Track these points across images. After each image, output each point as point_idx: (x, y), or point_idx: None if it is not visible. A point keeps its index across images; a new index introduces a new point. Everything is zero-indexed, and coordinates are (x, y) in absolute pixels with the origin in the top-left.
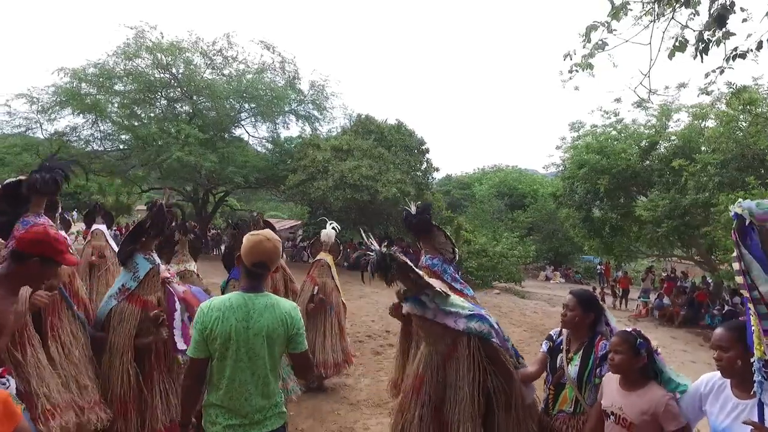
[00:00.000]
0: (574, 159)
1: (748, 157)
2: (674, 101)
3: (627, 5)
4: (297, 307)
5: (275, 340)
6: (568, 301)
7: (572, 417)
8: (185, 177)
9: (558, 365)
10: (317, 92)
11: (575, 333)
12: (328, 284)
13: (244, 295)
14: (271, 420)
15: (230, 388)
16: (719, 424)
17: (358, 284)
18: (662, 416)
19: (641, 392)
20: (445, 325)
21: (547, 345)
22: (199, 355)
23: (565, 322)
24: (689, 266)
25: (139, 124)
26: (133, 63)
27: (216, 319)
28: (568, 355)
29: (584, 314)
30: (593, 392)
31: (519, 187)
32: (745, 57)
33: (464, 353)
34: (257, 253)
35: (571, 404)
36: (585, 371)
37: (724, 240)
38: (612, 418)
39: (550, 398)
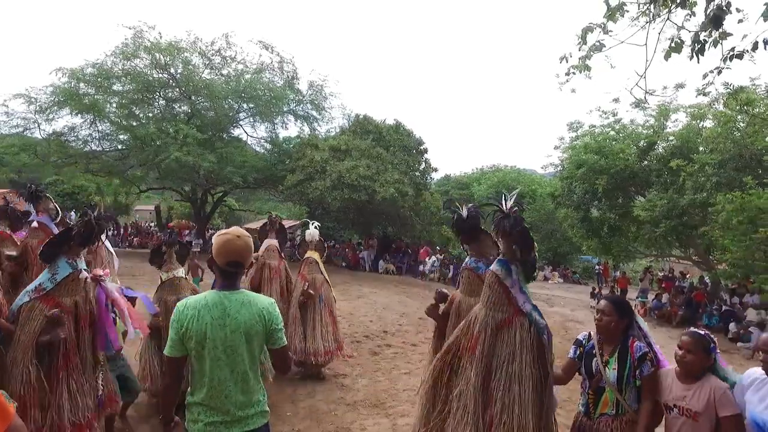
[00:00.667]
0: (572, 159)
1: (745, 157)
2: (672, 101)
3: (623, 6)
4: (274, 302)
5: (253, 336)
6: (603, 306)
7: (615, 418)
8: (183, 177)
9: (594, 370)
10: (316, 92)
11: (608, 337)
12: (318, 279)
13: (219, 293)
14: (254, 418)
15: (210, 387)
16: (758, 414)
17: (356, 284)
18: (718, 403)
19: (700, 383)
20: (515, 299)
21: (576, 350)
22: (176, 354)
23: (601, 327)
24: (687, 266)
25: (138, 125)
26: (131, 63)
27: (191, 318)
28: (603, 359)
29: (620, 319)
30: (633, 393)
31: (517, 188)
32: (741, 57)
33: (522, 332)
34: (229, 252)
35: (613, 406)
36: (624, 374)
37: (722, 240)
38: (675, 410)
39: (590, 402)
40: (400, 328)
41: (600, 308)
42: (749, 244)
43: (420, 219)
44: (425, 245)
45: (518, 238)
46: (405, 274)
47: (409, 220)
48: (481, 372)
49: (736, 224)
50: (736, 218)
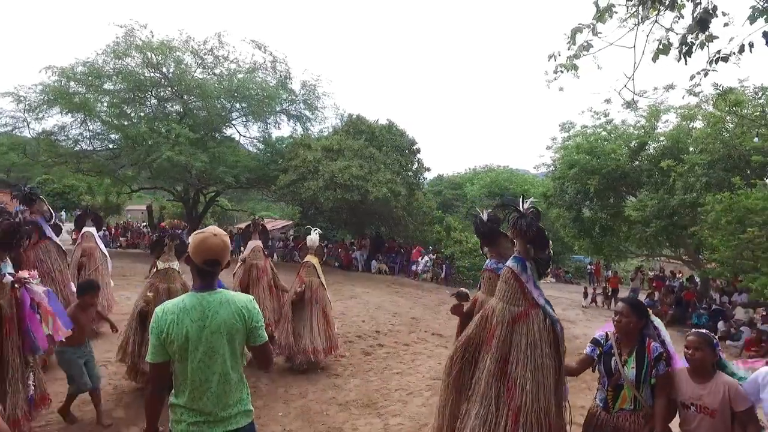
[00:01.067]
0: (564, 159)
1: (734, 157)
2: (662, 102)
3: (612, 8)
4: (253, 299)
5: (234, 335)
6: (621, 308)
7: (633, 413)
8: (175, 177)
9: (613, 368)
10: (308, 92)
11: (626, 337)
12: (314, 282)
13: (197, 294)
14: (237, 418)
15: (192, 388)
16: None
17: (349, 284)
18: (733, 400)
19: (713, 381)
20: (530, 293)
21: (593, 349)
22: (158, 360)
23: (620, 328)
24: (678, 266)
25: (129, 124)
26: (122, 62)
27: (171, 323)
28: (621, 358)
29: (638, 320)
30: (649, 390)
31: (510, 188)
32: (727, 60)
33: (538, 323)
34: (205, 251)
35: (631, 402)
36: (642, 372)
37: (711, 239)
38: (693, 408)
39: (609, 398)
40: (392, 328)
41: (618, 310)
42: (737, 244)
43: (413, 219)
44: (418, 245)
45: (533, 237)
46: (398, 274)
47: (402, 220)
48: (497, 360)
49: (725, 224)
50: (724, 218)
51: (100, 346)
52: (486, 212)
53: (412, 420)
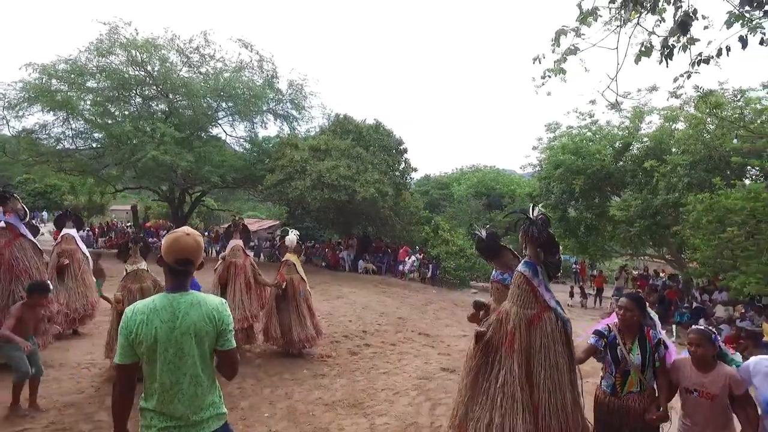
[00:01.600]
0: (550, 159)
1: (714, 158)
2: (646, 104)
3: (596, 11)
4: (225, 302)
5: (203, 337)
6: (626, 303)
7: (640, 394)
8: (161, 176)
9: (620, 357)
10: (295, 91)
11: (628, 328)
12: (295, 278)
13: (168, 295)
14: (209, 421)
15: (162, 391)
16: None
17: (336, 284)
18: (733, 386)
19: (715, 371)
20: (541, 296)
21: (598, 340)
22: (126, 361)
23: (625, 321)
24: (661, 265)
25: (113, 123)
26: (106, 60)
27: (140, 323)
28: (626, 347)
29: (640, 313)
30: (651, 373)
31: (497, 188)
32: (708, 62)
33: (551, 325)
34: (178, 250)
35: (638, 385)
36: (646, 357)
37: (692, 239)
38: (695, 393)
39: (617, 383)
40: (379, 327)
41: (623, 305)
42: (718, 244)
43: (400, 219)
44: (405, 245)
45: (544, 242)
46: (384, 273)
47: (389, 220)
48: (523, 364)
49: (706, 224)
50: (705, 218)
51: (82, 347)
52: (484, 230)
53: (398, 419)
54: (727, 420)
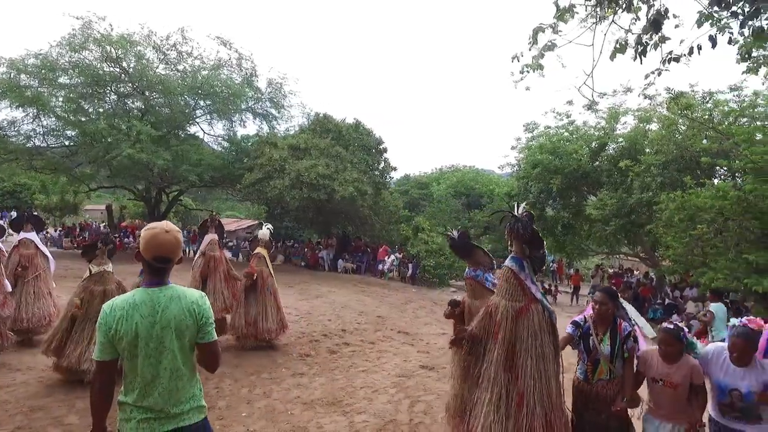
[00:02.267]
0: (528, 159)
1: (686, 158)
2: (621, 104)
3: (573, 8)
4: (204, 296)
5: (184, 331)
6: (600, 298)
7: (609, 382)
8: (136, 175)
9: (591, 346)
10: (275, 90)
11: (602, 320)
12: (264, 271)
13: (147, 290)
14: (189, 414)
15: (143, 386)
16: (721, 379)
17: (315, 284)
18: (694, 376)
19: (680, 363)
20: (528, 289)
21: (575, 330)
22: (105, 357)
23: (600, 314)
24: (635, 263)
25: (87, 120)
26: (79, 55)
27: (120, 319)
28: (598, 337)
29: (613, 306)
30: (620, 362)
31: (476, 187)
32: (678, 60)
33: (539, 316)
34: (155, 247)
35: (608, 373)
36: (615, 348)
37: (665, 237)
38: (660, 383)
39: (588, 371)
40: (358, 326)
41: (597, 299)
42: (688, 241)
43: (379, 218)
44: (384, 244)
45: (529, 238)
46: (364, 273)
47: (369, 220)
48: (504, 351)
49: (678, 222)
50: (677, 216)
51: None
52: (455, 231)
53: (378, 417)
54: (686, 404)
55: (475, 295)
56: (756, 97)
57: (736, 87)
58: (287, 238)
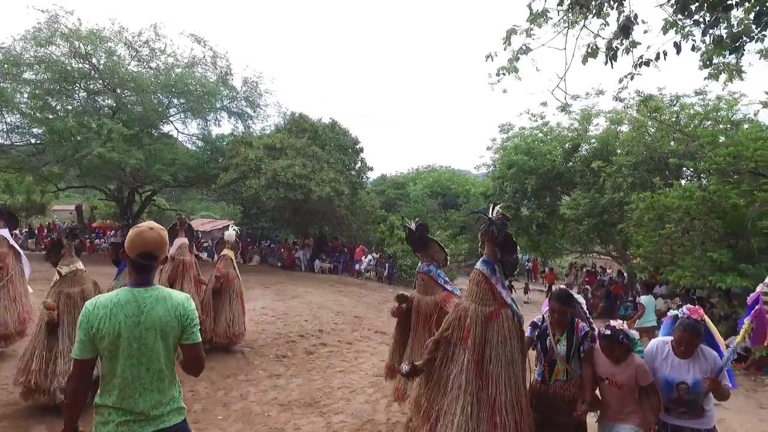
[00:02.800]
0: (503, 159)
1: (655, 159)
2: (593, 106)
3: (546, 12)
4: (190, 297)
5: (169, 332)
6: (554, 306)
7: (566, 383)
8: (108, 175)
9: (548, 347)
10: (250, 89)
11: (558, 324)
12: (231, 273)
13: (132, 290)
14: (169, 416)
15: (123, 387)
16: (667, 374)
17: (291, 284)
18: (640, 377)
19: (626, 363)
20: (499, 293)
21: (533, 331)
22: (85, 356)
23: (556, 321)
24: (608, 261)
25: (55, 117)
26: (45, 50)
27: (103, 317)
28: (555, 338)
29: (567, 309)
30: (577, 363)
31: (452, 187)
32: (648, 65)
33: (508, 321)
34: (141, 244)
35: (564, 374)
36: (571, 349)
37: (636, 236)
38: (606, 381)
39: (545, 372)
40: (335, 326)
41: (551, 308)
42: (658, 240)
43: (356, 218)
44: (361, 244)
45: (503, 241)
46: (341, 273)
47: (345, 220)
48: (474, 357)
49: (647, 221)
50: (647, 216)
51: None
52: (414, 222)
53: (355, 417)
54: (635, 404)
55: (427, 291)
56: (719, 102)
57: (701, 91)
58: (263, 238)
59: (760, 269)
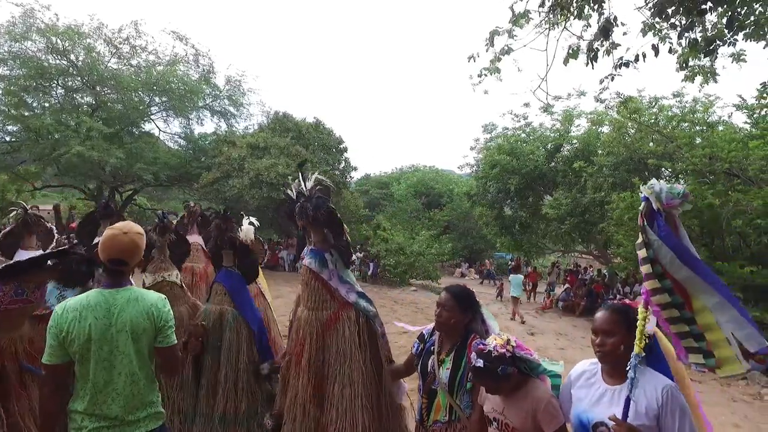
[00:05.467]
0: (486, 159)
1: (635, 160)
2: (575, 107)
3: (528, 14)
4: (165, 298)
5: (141, 335)
6: (443, 299)
7: (448, 426)
8: (87, 174)
9: (430, 369)
10: (233, 88)
11: (449, 333)
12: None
13: (103, 291)
14: (145, 421)
15: (95, 391)
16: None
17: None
18: (541, 416)
19: (523, 393)
20: (336, 292)
21: (418, 346)
22: (55, 361)
23: (440, 324)
24: (589, 260)
25: (31, 115)
26: (20, 45)
27: (72, 320)
28: (439, 357)
29: (461, 314)
30: (467, 397)
31: (436, 187)
32: (628, 66)
33: (350, 327)
34: (110, 248)
35: (446, 412)
36: (457, 374)
37: (616, 235)
38: (495, 424)
39: (423, 408)
40: None
41: (439, 302)
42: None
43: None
44: None
45: (326, 220)
46: None
47: None
48: (312, 379)
49: (627, 221)
50: (627, 215)
51: None
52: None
53: None
54: None
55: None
56: (695, 104)
57: (678, 93)
58: None
59: (734, 267)
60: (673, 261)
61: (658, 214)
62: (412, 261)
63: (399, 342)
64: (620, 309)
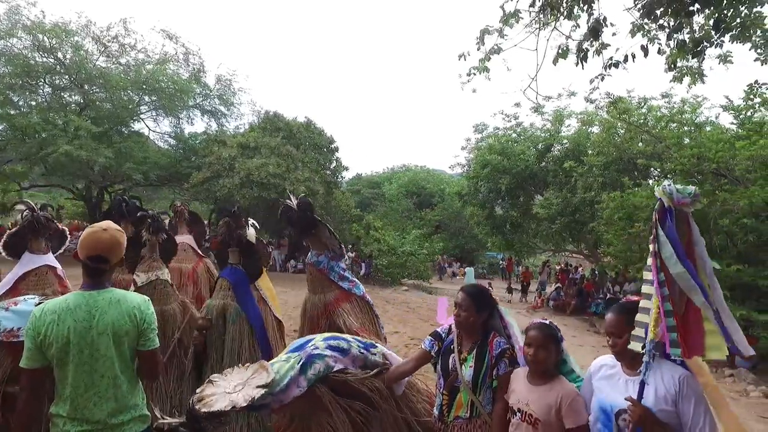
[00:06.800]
0: (478, 159)
1: (624, 160)
2: (566, 107)
3: (518, 13)
4: (148, 300)
5: (123, 337)
6: (461, 299)
7: (469, 422)
8: (75, 173)
9: (451, 368)
10: (224, 87)
11: (468, 332)
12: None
13: (83, 293)
14: (129, 425)
15: (76, 395)
16: (603, 399)
17: None
18: (565, 411)
19: (549, 386)
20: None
21: (432, 344)
22: (33, 365)
23: (459, 323)
24: (579, 259)
25: (17, 113)
26: (6, 42)
27: (50, 323)
28: (461, 356)
29: (478, 313)
30: (488, 394)
31: (427, 187)
32: (618, 66)
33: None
34: (90, 245)
35: (467, 409)
36: (480, 372)
37: (606, 234)
38: (518, 415)
39: (444, 404)
40: None
41: (457, 302)
42: (627, 238)
43: (331, 218)
44: None
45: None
46: None
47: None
48: None
49: (617, 220)
50: (616, 215)
51: None
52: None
53: None
54: None
55: (315, 289)
56: (683, 105)
57: (666, 94)
58: None
59: (721, 265)
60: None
61: (669, 212)
62: (404, 261)
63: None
64: (625, 309)
